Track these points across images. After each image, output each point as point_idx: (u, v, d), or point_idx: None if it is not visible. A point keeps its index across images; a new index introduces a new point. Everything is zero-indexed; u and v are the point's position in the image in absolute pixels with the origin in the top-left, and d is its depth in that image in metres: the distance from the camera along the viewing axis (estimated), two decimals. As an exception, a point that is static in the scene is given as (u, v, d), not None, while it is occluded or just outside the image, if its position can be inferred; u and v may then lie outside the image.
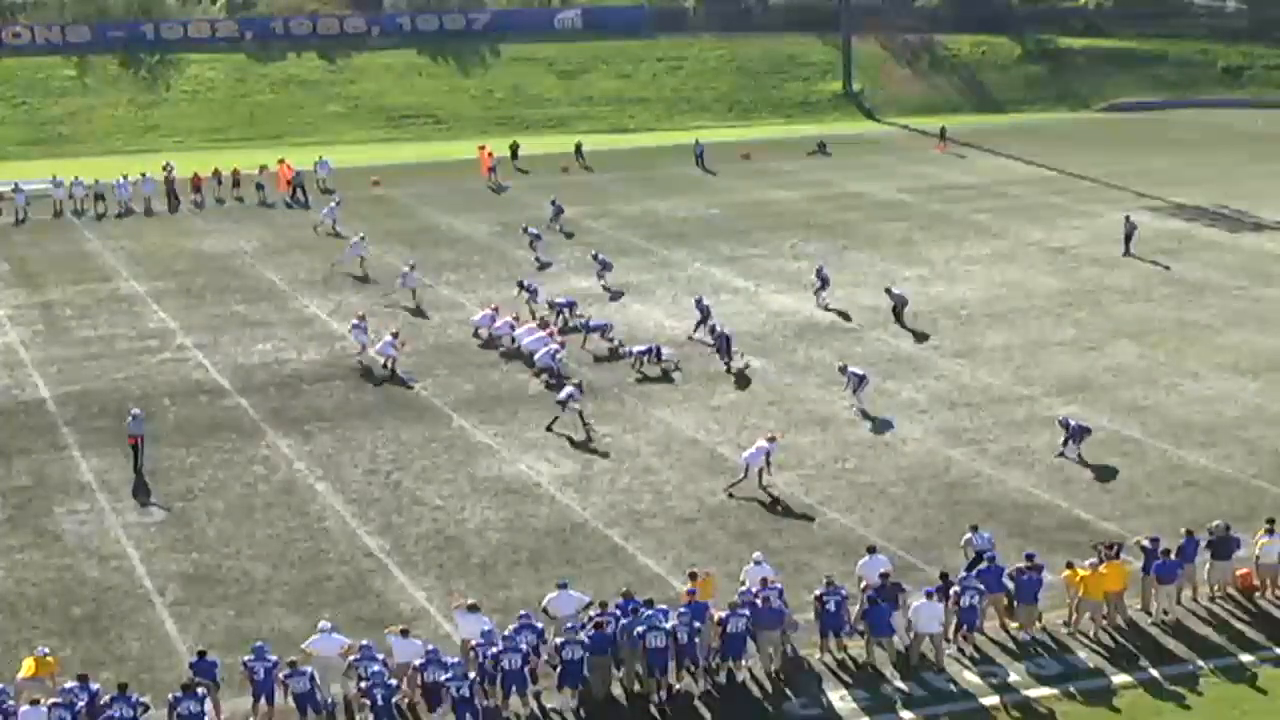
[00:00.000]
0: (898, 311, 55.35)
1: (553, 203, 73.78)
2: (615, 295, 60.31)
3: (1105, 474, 40.55)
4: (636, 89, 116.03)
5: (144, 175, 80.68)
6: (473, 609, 30.96)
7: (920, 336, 53.14)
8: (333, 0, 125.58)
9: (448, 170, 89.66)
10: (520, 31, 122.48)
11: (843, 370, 46.67)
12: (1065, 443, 41.72)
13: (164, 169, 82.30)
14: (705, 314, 53.51)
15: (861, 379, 45.97)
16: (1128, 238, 65.52)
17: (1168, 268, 63.14)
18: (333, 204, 75.59)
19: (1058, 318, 55.59)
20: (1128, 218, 67.15)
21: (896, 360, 50.72)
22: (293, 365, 51.41)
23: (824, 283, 58.18)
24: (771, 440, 40.28)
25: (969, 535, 34.01)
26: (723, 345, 50.57)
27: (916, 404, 46.70)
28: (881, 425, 44.61)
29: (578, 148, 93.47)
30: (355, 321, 52.70)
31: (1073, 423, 41.96)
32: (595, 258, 63.20)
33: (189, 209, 79.24)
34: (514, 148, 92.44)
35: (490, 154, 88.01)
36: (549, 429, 44.51)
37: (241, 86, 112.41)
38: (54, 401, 48.36)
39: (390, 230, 73.49)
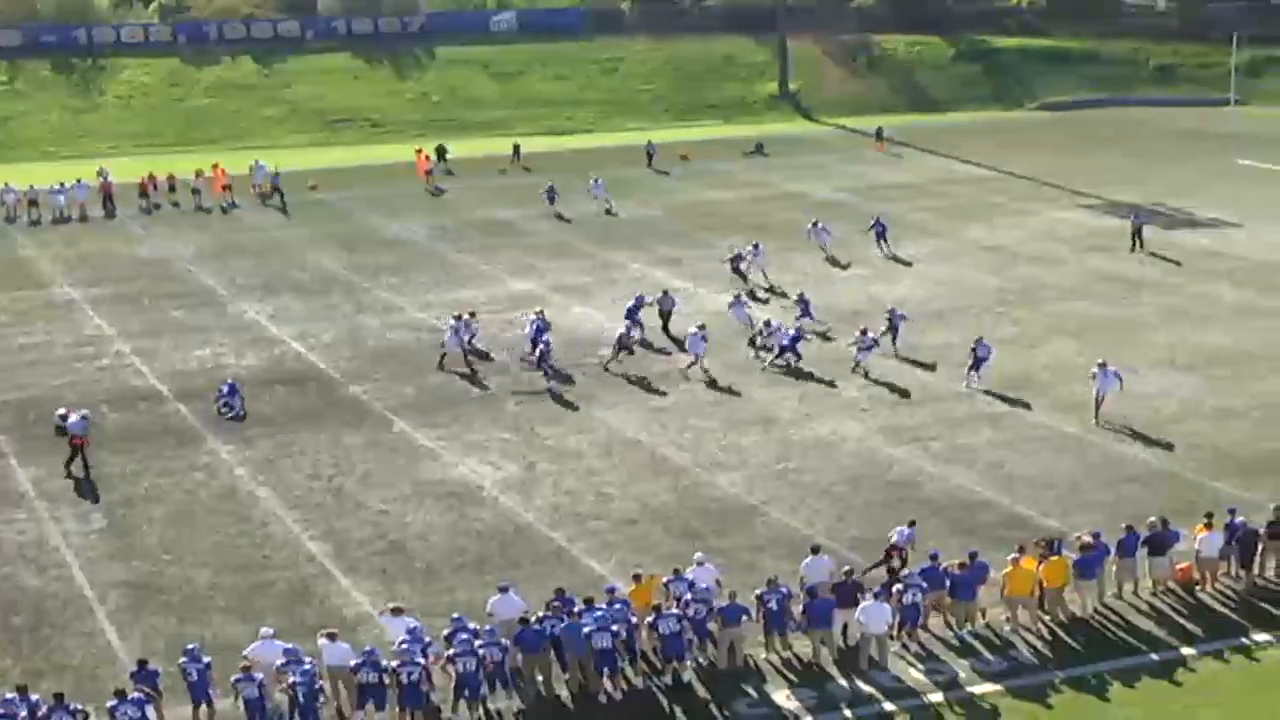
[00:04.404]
0: (665, 317, 54.77)
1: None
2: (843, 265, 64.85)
3: (1046, 470, 40.83)
4: (574, 91, 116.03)
5: (79, 181, 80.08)
6: (396, 612, 30.95)
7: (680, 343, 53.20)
8: (266, 4, 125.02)
9: (385, 173, 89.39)
10: (455, 34, 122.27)
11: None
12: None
13: (98, 174, 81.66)
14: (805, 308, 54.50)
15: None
16: (1137, 233, 66.30)
17: (1179, 263, 63.92)
18: (595, 179, 78.61)
19: (997, 316, 55.87)
20: (1135, 215, 67.96)
21: (838, 360, 50.80)
22: (232, 370, 51.08)
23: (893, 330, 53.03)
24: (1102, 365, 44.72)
25: (902, 528, 34.11)
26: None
27: (858, 403, 46.87)
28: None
29: (515, 149, 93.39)
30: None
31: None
32: (815, 225, 67.18)
33: (126, 214, 78.52)
34: (440, 150, 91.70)
35: (427, 157, 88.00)
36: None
37: (176, 91, 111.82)
38: (-10, 410, 47.97)
39: (329, 233, 73.29)
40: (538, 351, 49.89)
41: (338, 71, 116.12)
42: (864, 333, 49.99)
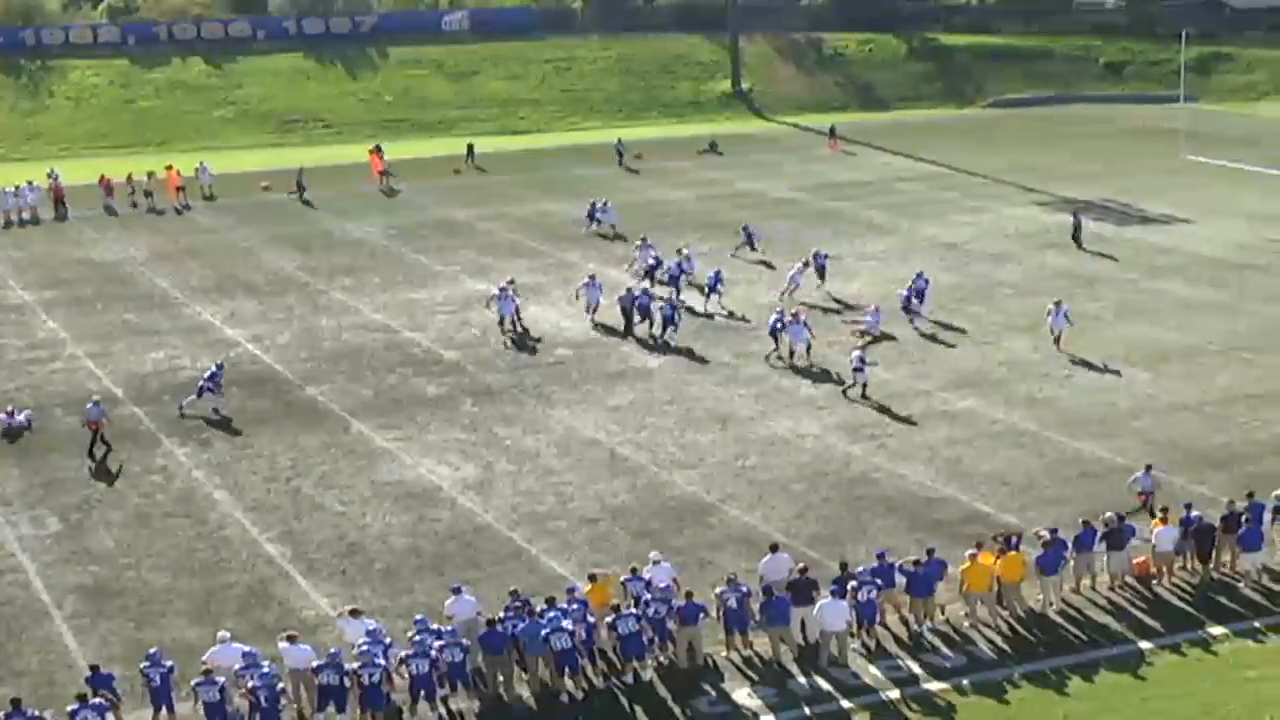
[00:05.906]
0: (627, 314, 54.87)
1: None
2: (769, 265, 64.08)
3: (1003, 467, 41.02)
4: (526, 90, 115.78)
5: (29, 183, 79.52)
6: (354, 614, 30.96)
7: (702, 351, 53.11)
8: (216, 4, 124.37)
9: (338, 174, 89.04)
10: (407, 34, 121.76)
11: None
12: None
13: (49, 176, 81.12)
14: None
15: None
16: (1076, 233, 66.62)
17: (1116, 259, 64.19)
18: (602, 201, 73.93)
19: (951, 312, 56.00)
20: (1075, 213, 68.28)
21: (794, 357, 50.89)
22: (187, 373, 50.79)
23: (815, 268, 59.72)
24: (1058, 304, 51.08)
25: (1138, 475, 36.63)
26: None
27: (815, 400, 46.98)
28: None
29: (469, 150, 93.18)
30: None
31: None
32: (745, 229, 66.53)
33: (78, 216, 77.97)
34: (378, 150, 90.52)
35: (381, 157, 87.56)
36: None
37: (126, 92, 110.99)
38: (-57, 414, 47.55)
39: (283, 234, 73.00)
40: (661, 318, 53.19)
41: (289, 72, 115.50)
42: (864, 346, 50.03)
